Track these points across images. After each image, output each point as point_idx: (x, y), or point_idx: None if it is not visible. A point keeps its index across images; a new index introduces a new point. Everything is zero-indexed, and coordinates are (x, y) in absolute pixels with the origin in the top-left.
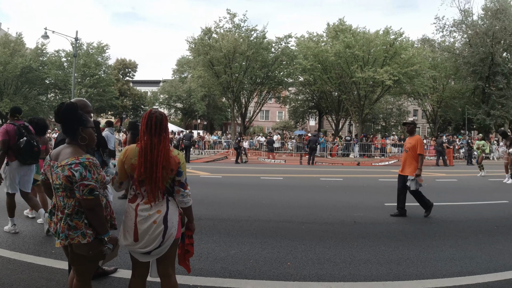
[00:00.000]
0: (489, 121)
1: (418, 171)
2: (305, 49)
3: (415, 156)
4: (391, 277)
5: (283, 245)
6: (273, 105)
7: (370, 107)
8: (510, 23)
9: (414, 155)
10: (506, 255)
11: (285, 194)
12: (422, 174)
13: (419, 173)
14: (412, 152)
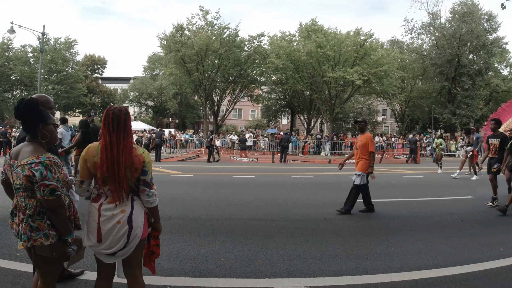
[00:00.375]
0: (454, 120)
1: (371, 168)
2: (277, 48)
3: (366, 153)
4: (360, 271)
5: (254, 242)
6: (246, 103)
7: (340, 106)
8: (477, 26)
9: (365, 153)
10: (471, 249)
11: (257, 192)
12: (386, 171)
13: (371, 170)
14: (363, 149)
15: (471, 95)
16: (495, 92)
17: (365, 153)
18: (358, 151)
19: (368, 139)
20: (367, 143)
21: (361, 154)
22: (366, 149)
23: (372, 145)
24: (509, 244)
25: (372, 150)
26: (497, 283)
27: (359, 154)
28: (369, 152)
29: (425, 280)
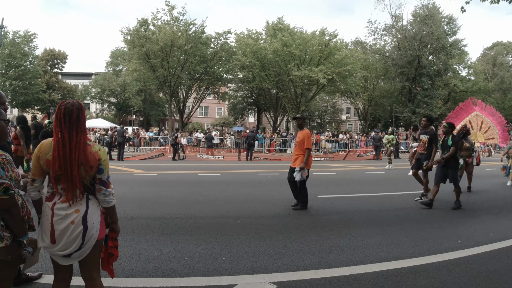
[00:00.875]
0: (414, 118)
1: (303, 164)
2: (244, 46)
3: (303, 150)
4: (323, 265)
5: (219, 240)
6: (212, 101)
7: (306, 104)
8: (437, 28)
9: (302, 149)
10: (430, 241)
11: (222, 190)
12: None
13: (303, 166)
14: (301, 146)
15: (430, 95)
16: (454, 92)
17: (303, 149)
18: (296, 147)
19: (305, 136)
20: (304, 139)
21: (299, 150)
22: (303, 145)
23: (308, 142)
24: (466, 236)
25: (308, 146)
26: (455, 273)
27: (297, 151)
28: (305, 149)
29: (386, 272)
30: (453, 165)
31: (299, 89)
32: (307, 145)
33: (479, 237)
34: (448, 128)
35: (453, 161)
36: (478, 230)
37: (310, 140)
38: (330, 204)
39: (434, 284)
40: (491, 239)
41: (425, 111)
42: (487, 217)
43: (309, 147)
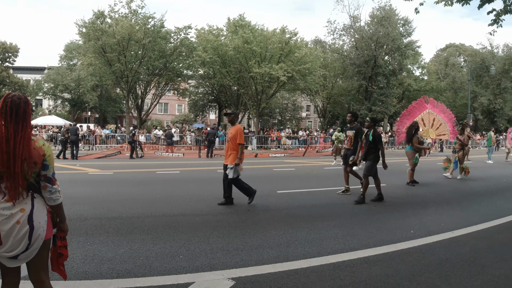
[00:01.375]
0: (371, 116)
1: (238, 160)
2: (204, 41)
3: (235, 146)
4: (281, 259)
5: (176, 238)
6: (172, 97)
7: (266, 101)
8: (393, 29)
9: (235, 145)
10: (384, 231)
11: (181, 188)
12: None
13: (238, 162)
14: (232, 142)
15: (386, 93)
16: (408, 91)
17: (236, 145)
18: (229, 143)
19: (237, 131)
20: (237, 135)
21: (231, 146)
22: (236, 141)
23: (241, 137)
24: (418, 226)
25: (240, 142)
26: (409, 262)
27: (230, 147)
28: (238, 144)
29: (342, 262)
30: (373, 157)
31: (259, 86)
32: (240, 140)
33: (430, 227)
34: (370, 123)
35: (373, 154)
36: (429, 220)
37: (243, 135)
38: (289, 199)
39: (388, 273)
40: (442, 229)
41: (380, 109)
42: (438, 208)
43: (241, 142)
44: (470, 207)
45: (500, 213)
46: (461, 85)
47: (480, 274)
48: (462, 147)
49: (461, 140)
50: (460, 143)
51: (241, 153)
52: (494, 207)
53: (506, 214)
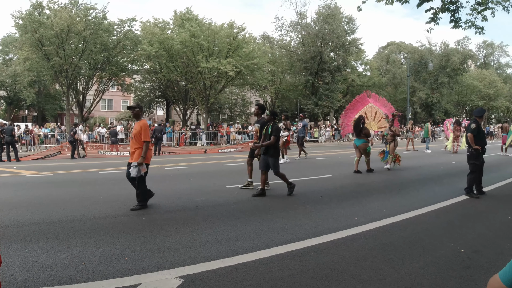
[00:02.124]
0: (317, 110)
1: (141, 159)
2: (150, 35)
3: (140, 143)
4: (230, 253)
5: (121, 240)
6: (116, 93)
7: (215, 97)
8: (338, 27)
9: (139, 142)
10: (329, 220)
11: (125, 187)
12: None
13: (141, 161)
14: (137, 138)
15: (331, 88)
16: (352, 86)
17: (141, 142)
18: (133, 140)
19: (142, 127)
20: (141, 131)
21: (136, 144)
22: (140, 138)
23: (146, 134)
24: (362, 214)
25: (146, 139)
26: (353, 248)
27: (135, 144)
28: (143, 141)
29: (290, 252)
30: (273, 153)
31: (208, 82)
32: (145, 137)
33: (373, 214)
34: (270, 116)
35: (273, 149)
36: (372, 208)
37: (148, 131)
38: (238, 193)
39: (334, 260)
40: (384, 215)
41: (326, 103)
42: (380, 196)
43: (146, 139)
44: (410, 193)
45: (438, 198)
46: (401, 81)
47: (422, 256)
48: (394, 138)
49: (393, 131)
50: (392, 134)
51: (146, 152)
52: (432, 193)
53: (443, 199)
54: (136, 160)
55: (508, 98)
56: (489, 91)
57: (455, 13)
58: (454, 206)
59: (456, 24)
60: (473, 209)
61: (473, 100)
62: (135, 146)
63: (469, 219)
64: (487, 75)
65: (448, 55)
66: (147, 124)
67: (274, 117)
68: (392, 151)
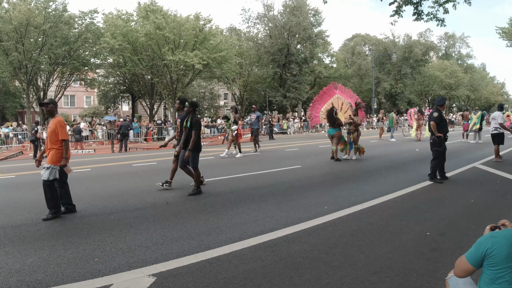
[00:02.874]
0: (285, 102)
1: (64, 160)
2: (113, 27)
3: (55, 142)
4: (203, 248)
5: (90, 241)
6: (79, 89)
7: (182, 90)
8: (304, 19)
9: (55, 142)
10: (300, 210)
11: (92, 186)
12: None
13: (64, 163)
14: (52, 137)
15: (299, 80)
16: (319, 77)
17: (56, 141)
18: (47, 140)
19: (57, 125)
20: (57, 129)
21: (51, 143)
22: (56, 137)
23: (63, 132)
24: (331, 202)
25: (64, 137)
26: (324, 236)
27: (50, 144)
28: (60, 140)
29: (263, 244)
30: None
31: (174, 75)
32: (62, 135)
33: (342, 202)
34: (189, 108)
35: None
36: (341, 196)
37: (64, 129)
38: (209, 187)
39: (306, 248)
40: (353, 202)
41: (294, 95)
42: (348, 184)
43: (64, 137)
44: (377, 181)
45: (403, 184)
46: (366, 72)
47: (390, 241)
48: (356, 128)
49: (355, 121)
50: (355, 124)
51: (67, 151)
52: (398, 179)
53: (408, 185)
54: (50, 162)
55: (469, 87)
56: (450, 81)
57: (418, 6)
58: (419, 191)
59: (419, 16)
60: (437, 194)
61: (435, 90)
62: (51, 146)
63: (434, 203)
64: (448, 66)
65: (411, 46)
66: (63, 121)
67: (193, 108)
68: (356, 141)
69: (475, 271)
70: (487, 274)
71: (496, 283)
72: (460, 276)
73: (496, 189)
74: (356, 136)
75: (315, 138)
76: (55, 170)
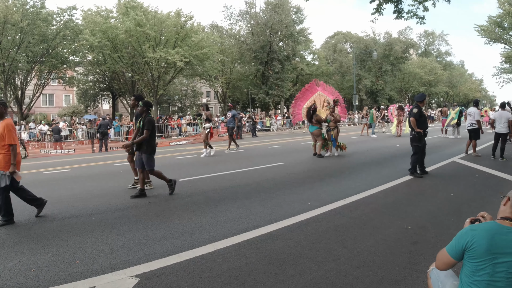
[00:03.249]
0: (268, 99)
1: (12, 167)
2: (92, 24)
3: (3, 147)
4: (186, 247)
5: (71, 243)
6: (58, 87)
7: (164, 88)
8: (286, 17)
9: (3, 145)
10: (284, 206)
11: (72, 187)
12: None
13: (13, 169)
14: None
15: (281, 77)
16: (301, 75)
17: (3, 145)
18: None
19: (5, 128)
20: (4, 133)
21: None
22: (3, 141)
23: (10, 136)
24: (315, 198)
25: (10, 142)
26: (307, 232)
27: None
28: (7, 145)
29: (247, 241)
30: (146, 149)
31: (155, 72)
32: (9, 140)
33: (325, 198)
34: (143, 107)
35: (146, 145)
36: (324, 192)
37: (12, 133)
38: (192, 186)
39: (289, 245)
40: (336, 198)
41: (277, 92)
42: (331, 180)
43: (11, 142)
44: (359, 176)
45: (385, 179)
46: (347, 69)
47: (372, 235)
48: (336, 124)
49: (334, 117)
50: (334, 120)
51: (15, 157)
52: (379, 174)
53: (389, 180)
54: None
55: (448, 84)
56: (429, 78)
57: (398, 4)
58: (400, 186)
59: (399, 14)
60: (417, 188)
61: (415, 87)
62: None
63: (415, 197)
64: (427, 63)
65: (391, 44)
66: (12, 124)
67: (147, 108)
68: (337, 137)
69: (456, 263)
70: (468, 266)
71: (477, 275)
72: (441, 268)
73: (475, 183)
74: (336, 133)
75: (298, 135)
76: (5, 176)
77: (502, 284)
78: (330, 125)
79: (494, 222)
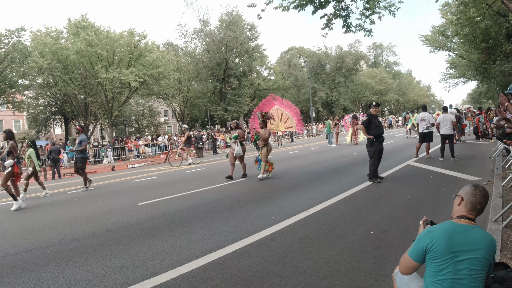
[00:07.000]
0: (227, 115)
1: None
2: (41, 45)
3: None
4: (148, 275)
5: (26, 279)
6: (6, 113)
7: (119, 109)
8: (241, 34)
9: None
10: (247, 223)
11: (23, 218)
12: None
13: None
14: None
15: (239, 93)
16: (258, 90)
17: None
18: None
19: None
20: None
21: None
22: None
23: None
24: (277, 212)
25: None
26: (273, 247)
27: None
28: None
29: (212, 262)
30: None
31: (109, 93)
32: None
33: (288, 211)
34: None
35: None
36: (286, 205)
37: None
38: (152, 209)
39: (256, 262)
40: (298, 210)
41: (235, 108)
42: (292, 192)
43: None
44: (319, 187)
45: (344, 187)
46: (302, 83)
47: (336, 244)
48: (265, 143)
49: (261, 135)
50: (262, 138)
51: None
52: (339, 183)
53: (349, 187)
54: None
55: (397, 91)
56: (380, 87)
57: (346, 19)
58: (359, 192)
59: (348, 29)
60: (376, 193)
61: (367, 96)
62: None
63: (374, 203)
64: (377, 73)
65: (342, 57)
66: None
67: None
68: (265, 157)
69: (419, 266)
70: (430, 267)
71: (440, 274)
72: (405, 273)
73: (430, 184)
74: (265, 152)
75: None
76: None
77: (465, 281)
78: (259, 143)
79: (451, 222)
